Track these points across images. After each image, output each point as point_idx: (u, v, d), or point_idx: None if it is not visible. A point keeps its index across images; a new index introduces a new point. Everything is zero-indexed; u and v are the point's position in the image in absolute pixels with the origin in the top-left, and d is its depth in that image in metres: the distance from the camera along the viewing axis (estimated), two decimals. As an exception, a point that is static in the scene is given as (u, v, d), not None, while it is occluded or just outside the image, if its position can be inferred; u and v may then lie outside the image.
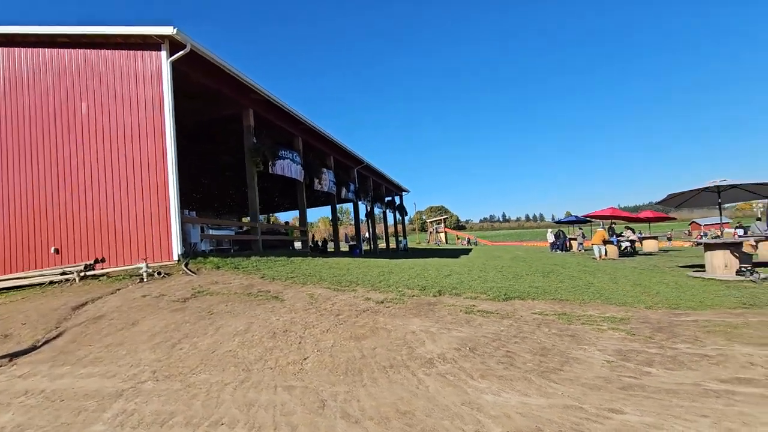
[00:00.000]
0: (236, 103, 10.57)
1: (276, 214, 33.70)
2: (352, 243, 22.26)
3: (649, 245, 18.47)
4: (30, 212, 8.97)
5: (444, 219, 73.14)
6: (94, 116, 8.56)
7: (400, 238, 29.69)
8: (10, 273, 9.00)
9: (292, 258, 9.79)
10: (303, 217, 13.76)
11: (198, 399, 3.12)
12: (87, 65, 8.67)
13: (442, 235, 63.14)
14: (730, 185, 9.85)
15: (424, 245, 49.22)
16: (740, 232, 15.53)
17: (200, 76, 9.04)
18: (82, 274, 7.65)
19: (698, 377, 3.23)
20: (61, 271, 7.95)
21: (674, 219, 26.95)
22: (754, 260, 10.63)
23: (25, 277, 8.39)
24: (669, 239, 29.88)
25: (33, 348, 4.87)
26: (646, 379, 3.19)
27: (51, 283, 7.85)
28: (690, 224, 70.01)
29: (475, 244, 52.48)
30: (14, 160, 9.23)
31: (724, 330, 4.57)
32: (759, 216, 20.82)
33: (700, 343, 4.10)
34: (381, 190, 24.93)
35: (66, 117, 8.80)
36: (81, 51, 8.71)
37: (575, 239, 21.68)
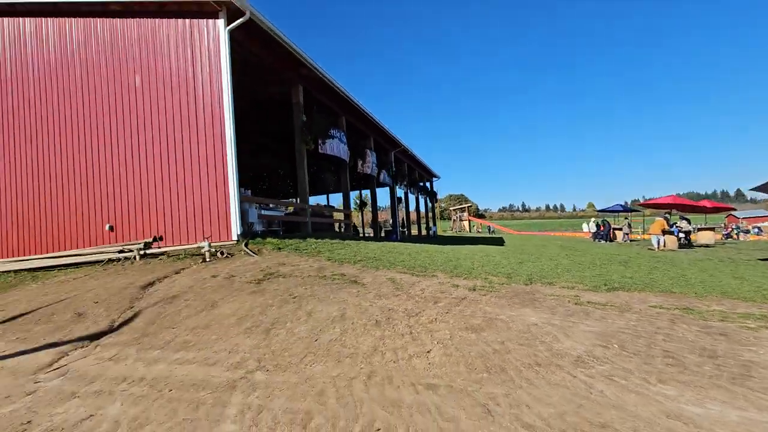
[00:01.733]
0: (286, 79, 10.09)
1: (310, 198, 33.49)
2: (387, 228, 21.84)
3: (705, 236, 17.35)
4: (85, 188, 8.77)
5: (467, 207, 72.16)
6: (149, 91, 8.21)
7: (430, 225, 29.12)
8: (65, 249, 8.88)
9: (346, 241, 9.38)
10: (347, 200, 13.33)
11: (328, 396, 2.70)
12: (140, 36, 8.29)
13: (466, 223, 62.27)
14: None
15: (450, 233, 48.56)
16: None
17: (255, 47, 8.57)
18: (141, 252, 7.40)
19: None
20: (119, 248, 7.73)
21: (733, 209, 25.04)
22: None
23: (81, 254, 8.23)
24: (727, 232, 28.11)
25: (110, 329, 4.58)
26: None
27: (109, 260, 7.65)
28: (726, 216, 66.80)
29: (493, 232, 51.45)
30: (68, 135, 9.01)
31: None
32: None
33: None
34: (414, 174, 24.33)
35: (120, 93, 8.48)
36: (134, 20, 8.33)
37: (620, 229, 20.68)
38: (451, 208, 76.41)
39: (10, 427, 2.61)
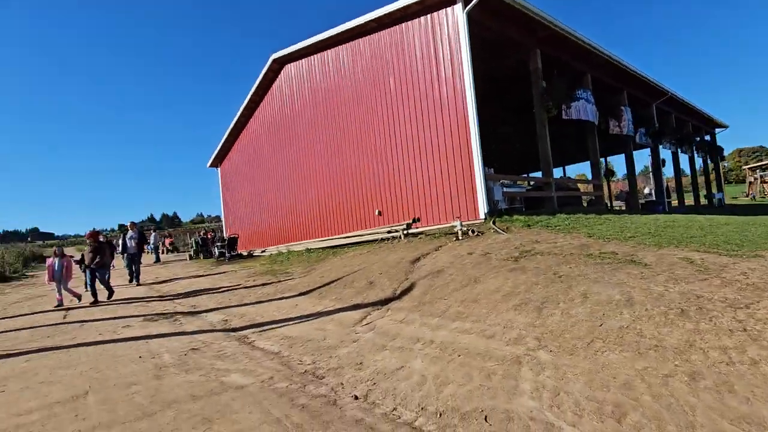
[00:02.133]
0: (522, 46, 9.51)
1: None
2: (649, 199, 18.01)
3: None
4: (357, 182, 10.91)
5: (775, 162, 51.38)
6: (400, 91, 9.35)
7: (713, 191, 22.18)
8: (347, 232, 11.30)
9: (603, 216, 8.18)
10: (596, 169, 11.62)
11: (639, 391, 2.31)
12: (392, 43, 9.50)
13: (772, 185, 44.42)
14: None
15: (743, 200, 35.99)
16: None
17: (490, 21, 8.41)
18: (405, 232, 8.59)
19: None
20: (387, 229, 9.23)
21: None
22: None
23: (362, 235, 10.29)
24: None
25: (394, 296, 5.45)
26: None
27: (382, 240, 9.24)
28: None
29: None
30: (341, 142, 11.36)
31: None
32: None
33: None
34: (687, 127, 18.98)
35: (379, 98, 10.02)
36: (385, 31, 9.62)
37: None
38: (745, 167, 56.31)
39: (352, 363, 3.43)
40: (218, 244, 16.56)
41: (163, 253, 25.01)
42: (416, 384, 2.88)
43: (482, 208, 7.69)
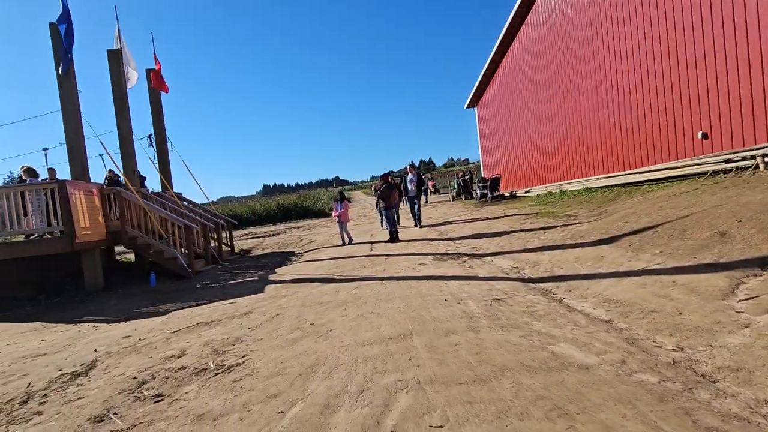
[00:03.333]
0: None
1: None
2: None
3: None
4: (659, 96, 8.07)
5: None
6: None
7: None
8: (642, 166, 8.74)
9: None
10: None
11: None
12: None
13: None
14: None
15: None
16: None
17: None
18: (766, 159, 5.72)
19: None
20: (724, 157, 6.45)
21: None
22: None
23: (671, 168, 7.72)
24: None
25: (784, 256, 3.49)
26: None
27: (713, 173, 6.56)
28: None
29: None
30: (635, 36, 8.55)
31: None
32: None
33: None
34: None
35: None
36: None
37: None
38: None
39: (762, 365, 2.15)
40: (479, 185, 16.67)
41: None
42: None
43: None
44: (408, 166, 12.11)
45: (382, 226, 9.76)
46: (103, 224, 7.92)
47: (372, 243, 9.07)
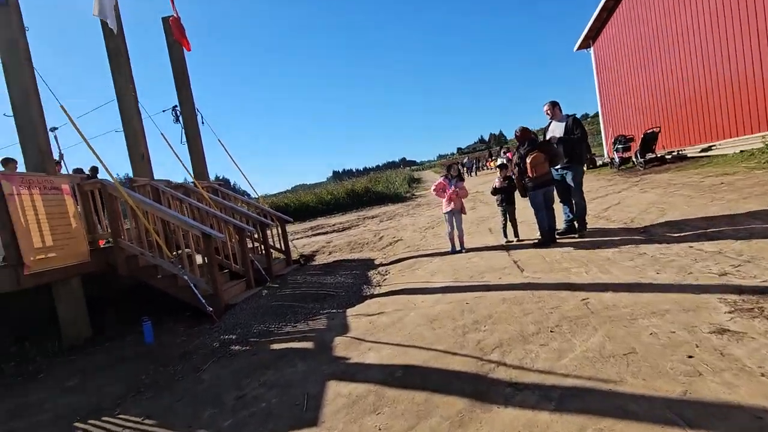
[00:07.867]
0: None
1: None
2: None
3: None
4: None
5: None
6: None
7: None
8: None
9: None
10: None
11: None
12: None
13: None
14: None
15: None
16: None
17: None
18: None
19: None
20: None
21: None
22: None
23: None
24: None
25: None
26: None
27: None
28: None
29: None
30: None
31: None
32: None
33: None
34: None
35: None
36: None
37: None
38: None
39: None
40: (619, 146, 11.82)
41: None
42: None
43: None
44: (549, 105, 5.39)
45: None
46: (83, 239, 5.06)
47: (508, 250, 5.24)
